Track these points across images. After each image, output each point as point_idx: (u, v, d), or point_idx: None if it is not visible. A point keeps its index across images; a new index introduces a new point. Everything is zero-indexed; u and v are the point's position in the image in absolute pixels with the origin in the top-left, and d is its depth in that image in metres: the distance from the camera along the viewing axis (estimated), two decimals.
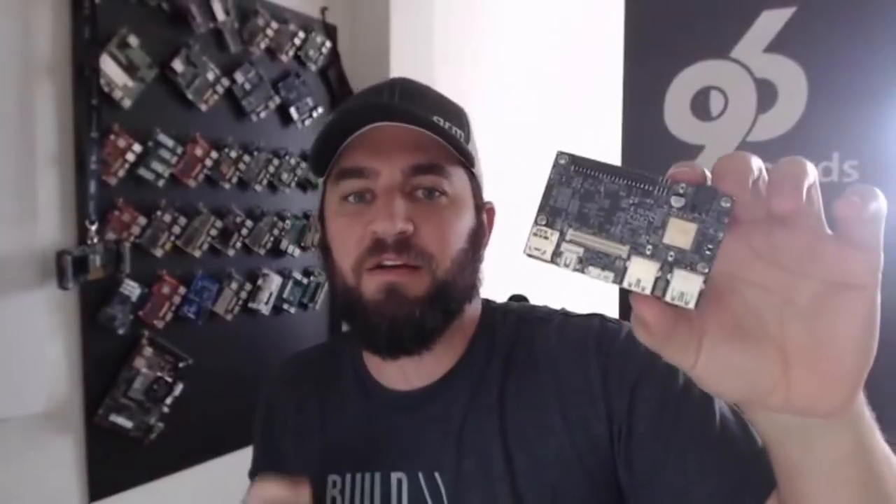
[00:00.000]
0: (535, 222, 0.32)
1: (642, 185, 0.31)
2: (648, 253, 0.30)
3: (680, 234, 0.30)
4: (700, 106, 1.27)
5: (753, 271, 0.32)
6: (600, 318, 0.66)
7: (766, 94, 1.22)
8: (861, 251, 0.30)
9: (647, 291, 0.30)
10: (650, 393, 0.58)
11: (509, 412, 0.63)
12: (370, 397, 0.69)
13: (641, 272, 0.30)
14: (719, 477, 0.53)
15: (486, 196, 0.70)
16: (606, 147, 1.49)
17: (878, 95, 1.14)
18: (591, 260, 0.31)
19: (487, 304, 0.72)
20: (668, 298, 0.30)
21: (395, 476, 0.64)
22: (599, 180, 0.32)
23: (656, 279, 0.30)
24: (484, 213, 0.68)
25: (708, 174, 0.31)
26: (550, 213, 0.32)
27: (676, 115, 1.29)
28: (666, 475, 0.55)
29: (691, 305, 0.30)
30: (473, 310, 0.68)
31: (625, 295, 0.33)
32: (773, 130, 1.21)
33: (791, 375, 0.32)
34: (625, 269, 0.31)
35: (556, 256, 0.31)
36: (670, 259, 0.30)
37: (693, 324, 0.32)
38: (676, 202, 0.30)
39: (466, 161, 0.64)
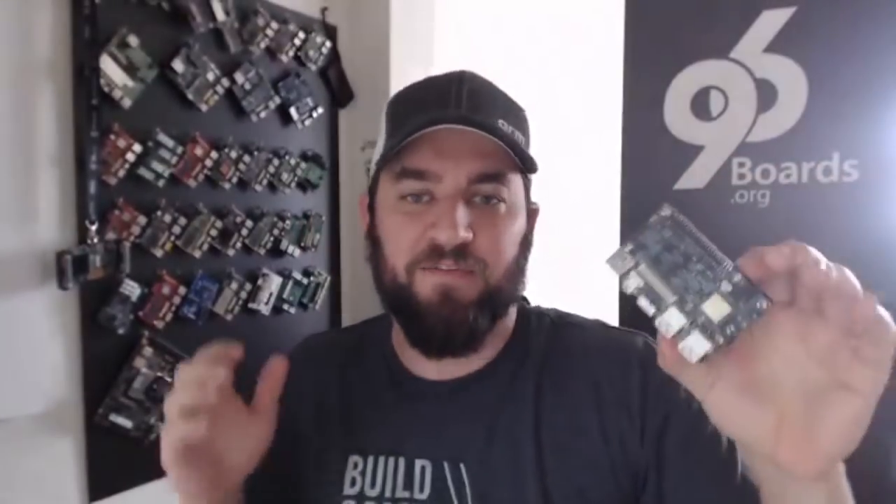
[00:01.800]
0: (625, 244, 0.40)
1: (712, 261, 0.39)
2: (687, 309, 0.38)
3: (716, 309, 0.38)
4: (700, 106, 1.27)
5: (789, 344, 0.38)
6: (644, 339, 0.67)
7: (766, 94, 1.21)
8: (869, 367, 0.35)
9: (668, 336, 0.39)
10: (682, 424, 0.60)
11: (545, 411, 0.63)
12: (399, 384, 0.69)
13: (673, 320, 0.38)
14: None
15: None
16: (607, 147, 1.49)
17: (878, 95, 1.14)
18: (644, 293, 0.39)
19: (522, 304, 0.72)
20: (679, 347, 0.38)
21: (419, 463, 0.64)
22: (683, 240, 0.39)
23: (680, 329, 0.38)
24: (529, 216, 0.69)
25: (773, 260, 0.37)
26: (637, 245, 0.40)
27: (676, 115, 1.29)
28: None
29: (692, 360, 0.38)
30: (511, 310, 0.69)
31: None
32: (773, 130, 1.21)
33: (781, 438, 0.39)
34: (664, 311, 0.39)
35: (624, 277, 0.40)
36: (699, 321, 0.38)
37: (710, 368, 0.39)
38: (726, 287, 0.38)
39: (527, 169, 0.64)
